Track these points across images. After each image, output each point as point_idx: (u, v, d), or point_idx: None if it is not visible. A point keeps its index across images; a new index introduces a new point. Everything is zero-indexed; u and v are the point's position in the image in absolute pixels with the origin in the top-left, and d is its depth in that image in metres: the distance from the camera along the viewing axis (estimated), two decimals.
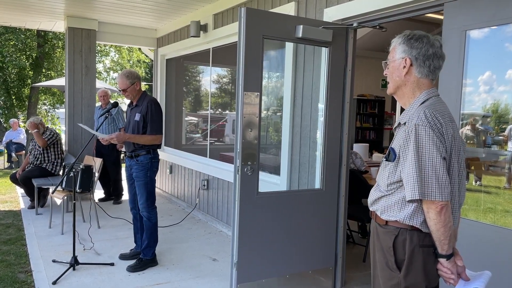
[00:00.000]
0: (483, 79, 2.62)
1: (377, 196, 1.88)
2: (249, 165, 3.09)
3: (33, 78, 13.70)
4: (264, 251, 3.23)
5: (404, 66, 1.81)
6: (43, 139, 5.94)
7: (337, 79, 3.51)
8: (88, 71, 6.98)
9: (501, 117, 2.63)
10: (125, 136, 3.88)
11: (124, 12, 6.25)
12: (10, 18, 7.03)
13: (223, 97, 6.64)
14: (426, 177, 1.66)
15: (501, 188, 2.67)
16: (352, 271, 4.07)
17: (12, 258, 4.18)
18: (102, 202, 6.53)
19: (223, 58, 6.16)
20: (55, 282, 3.62)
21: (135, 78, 3.94)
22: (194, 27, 5.68)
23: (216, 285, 3.73)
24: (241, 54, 3.00)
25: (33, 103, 13.81)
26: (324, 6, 3.64)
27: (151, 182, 3.97)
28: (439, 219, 1.66)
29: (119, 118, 6.35)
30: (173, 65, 7.38)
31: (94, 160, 5.34)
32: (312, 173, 3.85)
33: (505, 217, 2.56)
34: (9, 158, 10.75)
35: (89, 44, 6.94)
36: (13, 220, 5.53)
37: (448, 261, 1.72)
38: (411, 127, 1.70)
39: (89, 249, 4.46)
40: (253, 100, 3.07)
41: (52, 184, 5.65)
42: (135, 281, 3.74)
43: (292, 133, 4.05)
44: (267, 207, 3.21)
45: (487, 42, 2.62)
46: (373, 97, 9.06)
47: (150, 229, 4.00)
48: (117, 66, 17.83)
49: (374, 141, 9.07)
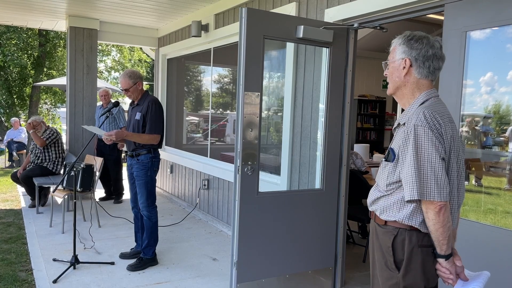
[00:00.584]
0: (485, 80, 2.62)
1: (376, 196, 1.88)
2: (249, 165, 3.10)
3: (35, 77, 13.72)
4: (264, 250, 3.24)
5: (403, 66, 1.81)
6: (41, 139, 5.94)
7: (338, 79, 3.51)
8: (90, 70, 6.99)
9: (502, 118, 2.62)
10: (124, 133, 3.90)
11: (125, 11, 6.26)
12: (12, 17, 7.05)
13: (224, 97, 6.65)
14: (425, 177, 1.66)
15: (502, 189, 2.67)
16: (352, 271, 4.07)
17: (13, 257, 4.19)
18: (102, 201, 6.54)
19: (224, 58, 6.17)
20: (55, 280, 3.63)
21: (137, 78, 3.95)
22: (195, 27, 5.68)
23: (216, 284, 3.73)
24: (242, 54, 3.01)
25: (34, 102, 13.83)
26: (325, 6, 3.65)
27: (152, 182, 3.97)
28: (438, 219, 1.66)
29: (120, 117, 6.36)
30: (174, 64, 7.39)
31: (95, 159, 5.36)
32: (312, 173, 3.85)
33: (506, 218, 2.56)
34: (10, 157, 10.77)
35: (91, 44, 6.95)
36: (14, 219, 5.54)
37: (446, 261, 1.72)
38: (410, 128, 1.70)
39: (89, 248, 4.47)
40: (253, 100, 3.08)
41: (53, 183, 5.66)
42: (135, 280, 3.75)
43: (293, 133, 4.05)
44: (267, 207, 3.22)
45: (488, 43, 2.62)
46: (374, 97, 9.06)
47: (150, 228, 4.01)
48: (119, 66, 17.86)
49: (375, 141, 9.07)
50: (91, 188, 5.12)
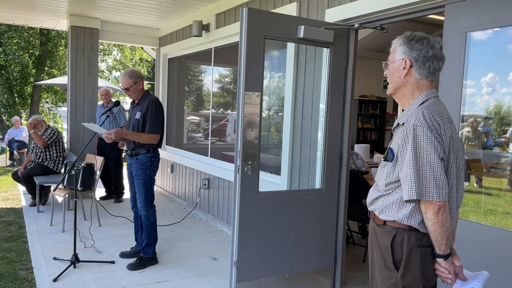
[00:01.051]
0: (486, 80, 2.62)
1: (375, 196, 1.88)
2: (249, 165, 3.10)
3: (36, 76, 13.73)
4: (264, 250, 3.24)
5: (404, 67, 1.81)
6: (43, 139, 5.95)
7: (338, 79, 3.51)
8: (91, 70, 7.00)
9: (503, 119, 2.62)
10: (123, 132, 3.91)
11: (126, 11, 6.27)
12: (14, 16, 7.06)
13: (225, 97, 6.65)
14: (424, 177, 1.67)
15: (502, 190, 2.67)
16: (351, 271, 4.07)
17: (13, 255, 4.19)
18: (103, 200, 6.55)
19: (224, 58, 6.17)
20: (55, 279, 3.64)
21: (138, 77, 3.95)
22: (196, 27, 5.69)
23: (216, 283, 3.73)
24: (243, 54, 3.01)
25: (35, 101, 13.84)
26: (325, 6, 3.65)
27: (150, 181, 3.97)
28: (437, 219, 1.66)
29: (120, 116, 6.36)
30: (175, 64, 7.39)
31: (96, 158, 5.36)
32: (313, 173, 3.85)
33: (506, 219, 2.56)
34: (11, 156, 10.79)
35: (92, 43, 6.96)
36: (14, 218, 5.55)
37: (445, 261, 1.73)
38: (409, 128, 1.70)
39: (89, 247, 4.48)
40: (254, 100, 3.08)
41: (53, 182, 5.67)
42: (135, 279, 3.75)
43: (293, 133, 4.05)
44: (267, 207, 3.22)
45: (489, 44, 2.62)
46: (374, 98, 9.05)
47: (149, 228, 4.01)
48: (120, 65, 17.87)
49: (375, 141, 9.07)
50: (91, 187, 5.13)
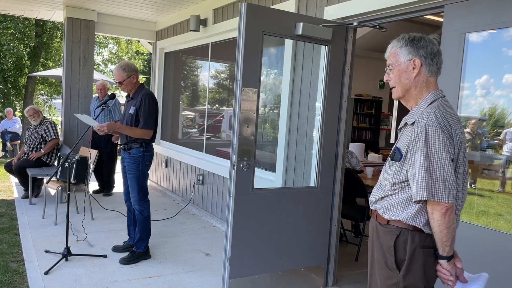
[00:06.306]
0: (481, 82, 2.63)
1: (380, 195, 1.86)
2: (245, 161, 3.09)
3: (31, 67, 13.61)
4: (257, 247, 3.24)
5: (413, 67, 1.79)
6: (53, 142, 6.04)
7: (336, 77, 3.51)
8: (86, 62, 6.94)
9: (497, 121, 2.64)
10: (116, 125, 3.89)
11: (124, 3, 6.22)
12: (9, 6, 6.97)
13: (221, 93, 6.62)
14: (434, 178, 1.65)
15: (494, 191, 2.69)
16: (344, 270, 4.09)
17: (4, 247, 4.16)
18: (96, 194, 6.52)
19: (222, 54, 6.14)
20: (47, 272, 3.62)
21: (132, 70, 3.91)
22: (194, 21, 5.65)
23: (208, 279, 3.73)
24: (241, 50, 3.00)
25: (29, 92, 13.72)
26: (324, 4, 3.64)
27: (143, 176, 3.95)
28: (443, 220, 1.65)
29: (115, 110, 6.32)
30: (171, 59, 7.35)
31: (90, 151, 5.33)
32: (308, 171, 3.85)
33: (498, 220, 2.57)
34: (3, 147, 10.71)
35: (88, 35, 6.90)
36: (6, 210, 5.51)
37: (448, 262, 1.72)
38: (420, 128, 1.68)
39: (82, 241, 4.46)
40: (251, 96, 3.07)
41: (46, 174, 5.63)
42: (128, 274, 3.74)
43: (289, 130, 4.05)
44: (261, 204, 3.22)
45: (485, 46, 2.63)
46: (370, 97, 9.08)
47: (142, 222, 3.99)
48: (115, 58, 17.76)
49: (370, 141, 9.10)
50: (85, 180, 5.10)
